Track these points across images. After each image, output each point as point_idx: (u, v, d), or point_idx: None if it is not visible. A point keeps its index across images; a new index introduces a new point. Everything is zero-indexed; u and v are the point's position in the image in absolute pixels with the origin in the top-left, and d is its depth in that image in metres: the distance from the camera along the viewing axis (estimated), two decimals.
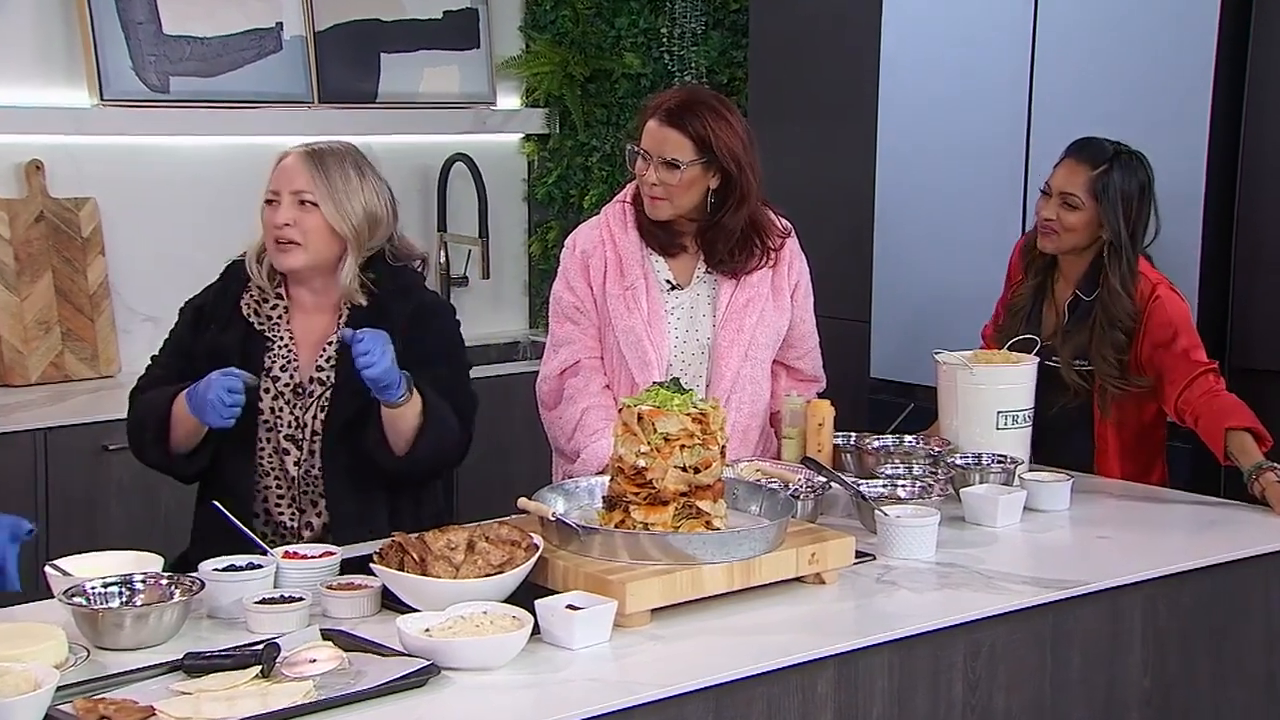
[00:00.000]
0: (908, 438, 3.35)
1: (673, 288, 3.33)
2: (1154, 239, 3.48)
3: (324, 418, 2.99)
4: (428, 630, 2.29)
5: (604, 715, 2.15)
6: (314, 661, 2.19)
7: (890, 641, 2.48)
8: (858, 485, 3.00)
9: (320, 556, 2.62)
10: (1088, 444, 3.49)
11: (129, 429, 3.06)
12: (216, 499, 2.80)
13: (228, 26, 4.80)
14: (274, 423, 3.01)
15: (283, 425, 3.01)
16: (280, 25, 4.91)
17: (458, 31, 5.32)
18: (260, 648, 2.22)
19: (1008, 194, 4.10)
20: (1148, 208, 3.46)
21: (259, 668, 2.19)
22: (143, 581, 2.45)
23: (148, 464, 3.06)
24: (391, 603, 2.46)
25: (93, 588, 2.41)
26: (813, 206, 4.22)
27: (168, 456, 3.00)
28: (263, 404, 3.01)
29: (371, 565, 2.46)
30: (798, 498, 2.87)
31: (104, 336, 4.58)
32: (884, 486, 3.04)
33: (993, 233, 4.04)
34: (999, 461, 3.20)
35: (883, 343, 4.42)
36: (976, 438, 3.28)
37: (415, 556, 2.43)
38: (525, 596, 2.39)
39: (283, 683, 2.15)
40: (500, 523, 2.59)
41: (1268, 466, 3.19)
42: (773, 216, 3.36)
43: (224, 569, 2.51)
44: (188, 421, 2.92)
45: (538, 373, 3.42)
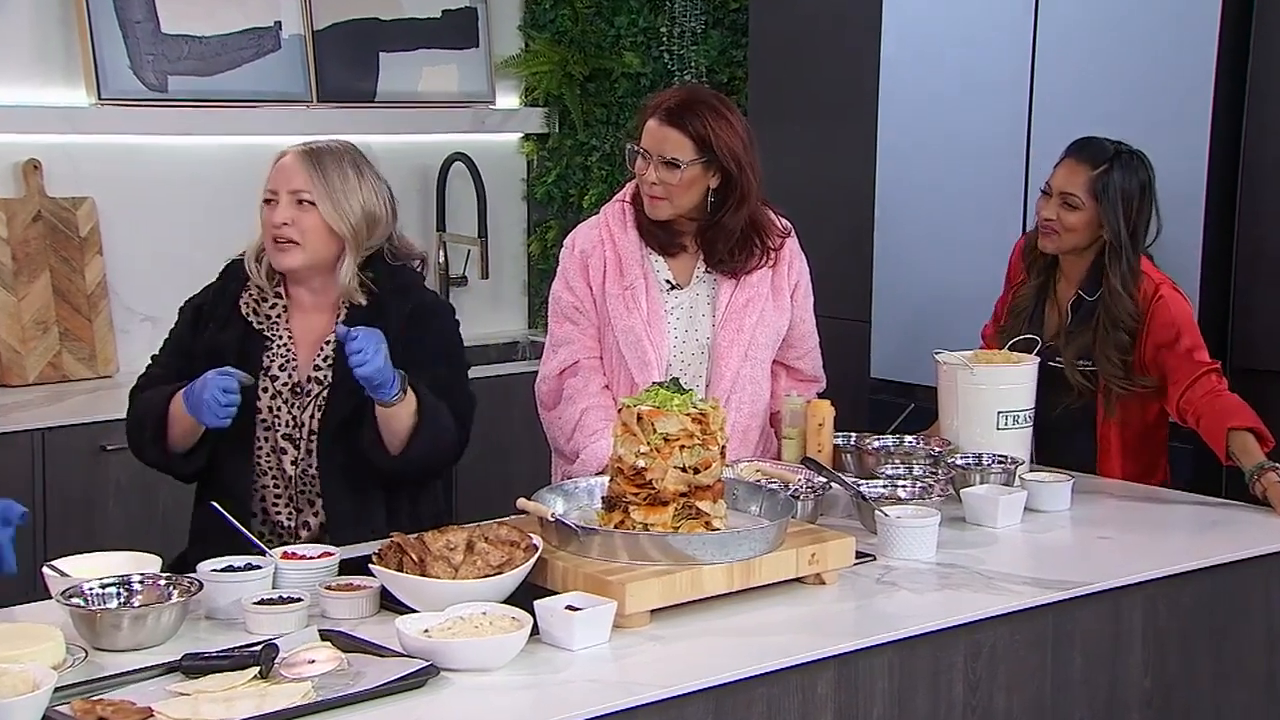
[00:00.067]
0: (908, 438, 3.35)
1: (672, 287, 3.32)
2: (1155, 239, 3.48)
3: (320, 417, 2.99)
4: (427, 631, 2.28)
5: (604, 716, 2.14)
6: (313, 662, 2.19)
7: (891, 642, 2.48)
8: (858, 486, 3.00)
9: (319, 557, 2.61)
10: (1090, 444, 3.48)
11: (128, 428, 3.06)
12: (215, 499, 2.80)
13: (226, 26, 4.79)
14: (271, 422, 3.00)
15: (280, 425, 3.00)
16: (279, 24, 4.90)
17: (457, 30, 5.32)
18: (258, 649, 2.22)
19: (1008, 194, 4.09)
20: (1149, 207, 3.45)
21: (257, 669, 2.18)
22: (140, 582, 2.44)
23: (147, 463, 3.06)
24: (390, 603, 2.46)
25: (90, 588, 2.41)
26: (813, 206, 4.21)
27: (166, 455, 3.01)
28: (260, 403, 3.00)
29: (370, 566, 2.46)
30: (798, 498, 2.86)
31: (102, 336, 4.57)
32: (884, 487, 3.03)
33: (993, 233, 4.03)
34: (999, 462, 3.19)
35: (883, 343, 4.41)
36: (977, 438, 3.27)
37: (414, 557, 2.43)
38: (524, 597, 2.39)
39: (281, 684, 2.15)
40: (499, 523, 2.58)
41: (1269, 467, 3.18)
42: (773, 216, 3.35)
43: (222, 570, 2.50)
44: (185, 421, 2.92)
45: (537, 373, 3.41)
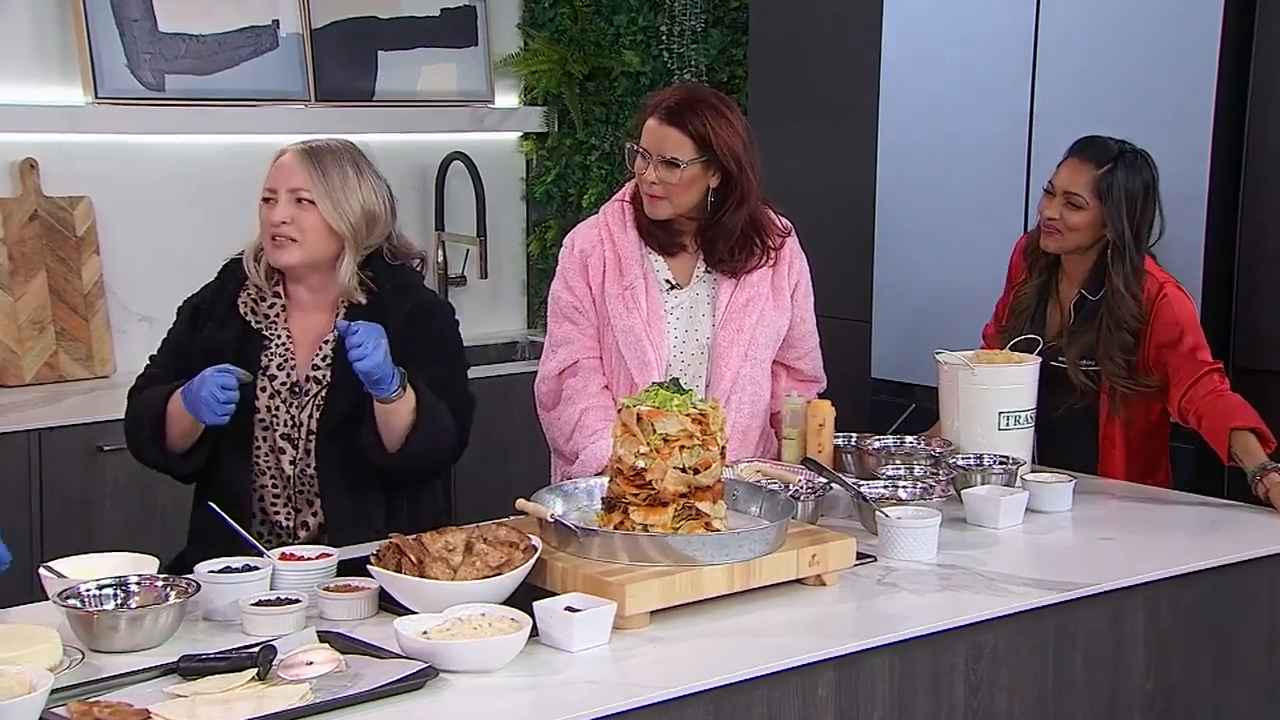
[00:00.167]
0: (909, 438, 3.34)
1: (672, 287, 3.31)
2: (1158, 239, 3.47)
3: (319, 416, 2.98)
4: (425, 632, 2.28)
5: (603, 718, 2.14)
6: (311, 664, 2.18)
7: (891, 644, 2.47)
8: (858, 486, 2.99)
9: (317, 558, 2.60)
10: (1092, 445, 3.47)
11: (126, 428, 3.05)
12: (213, 499, 2.79)
13: (223, 24, 4.78)
14: (270, 421, 2.99)
15: (279, 424, 2.99)
16: (276, 23, 4.89)
17: (455, 29, 5.31)
18: (256, 650, 2.21)
19: (1009, 193, 4.08)
20: (1152, 207, 3.44)
21: (255, 670, 2.18)
22: (138, 583, 2.44)
23: (145, 463, 3.05)
24: (389, 605, 2.45)
25: (87, 590, 2.40)
26: (813, 206, 4.20)
27: (165, 455, 3.00)
28: (259, 403, 2.99)
29: (369, 567, 2.45)
30: (798, 499, 2.85)
31: (98, 336, 4.56)
32: (885, 487, 3.02)
33: (994, 232, 4.02)
34: (1001, 462, 3.18)
35: (883, 343, 4.40)
36: (978, 438, 3.26)
37: (413, 558, 2.42)
38: (524, 598, 2.38)
39: (279, 685, 2.14)
40: (498, 524, 2.57)
41: (1272, 467, 3.17)
42: (773, 216, 3.34)
43: (220, 571, 2.49)
44: (183, 420, 2.91)
45: (536, 373, 3.40)
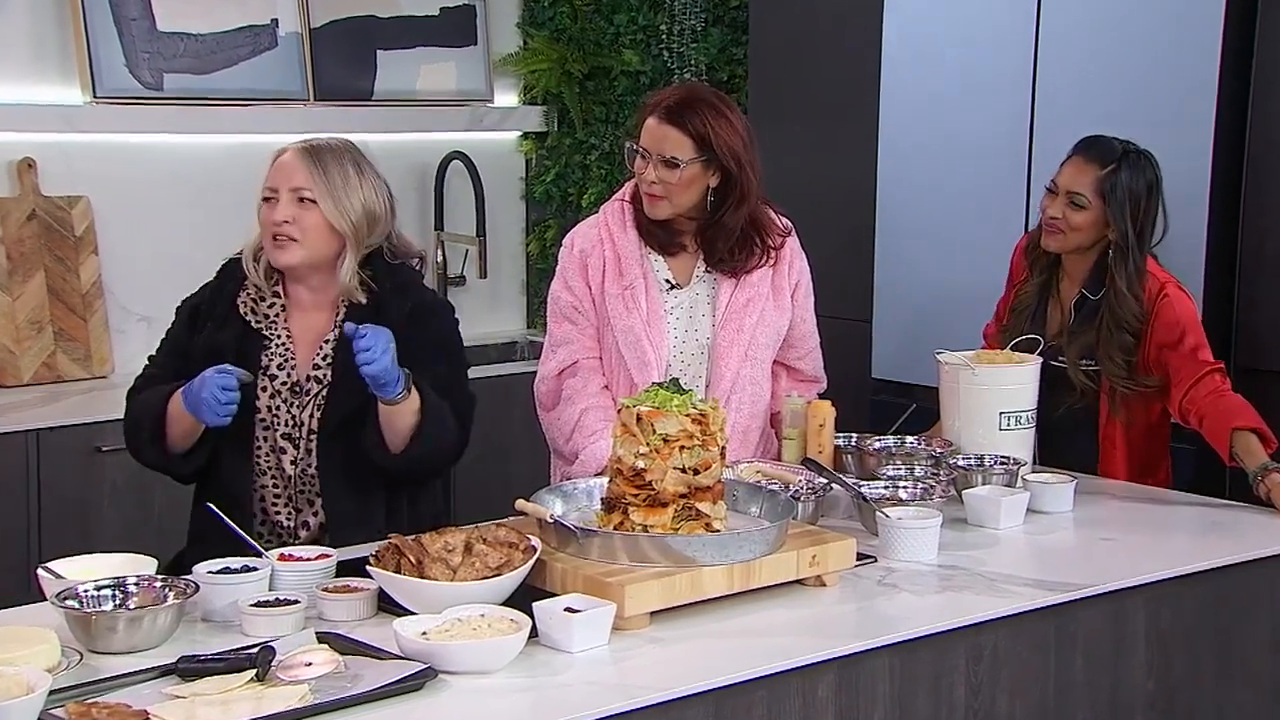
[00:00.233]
0: (909, 439, 3.34)
1: (672, 287, 3.31)
2: (1161, 239, 3.46)
3: (320, 416, 2.97)
4: (425, 633, 2.27)
5: (603, 719, 2.13)
6: (310, 665, 2.18)
7: (892, 644, 2.46)
8: (859, 487, 2.98)
9: (316, 559, 2.59)
10: (1093, 445, 3.47)
11: (125, 429, 3.04)
12: (214, 499, 2.79)
13: (222, 23, 4.78)
14: (270, 421, 2.99)
15: (279, 424, 2.99)
16: (275, 22, 4.89)
17: (455, 28, 5.30)
18: (255, 651, 2.21)
19: (1010, 193, 4.08)
20: (1155, 208, 3.43)
21: (254, 671, 2.17)
22: (136, 584, 2.43)
23: (145, 464, 3.04)
24: (388, 605, 2.44)
25: (85, 590, 2.40)
26: (813, 206, 4.19)
27: (165, 456, 2.99)
28: (260, 403, 2.98)
29: (368, 568, 2.44)
30: (798, 499, 2.85)
31: (97, 336, 4.55)
32: (885, 488, 3.02)
33: (995, 232, 4.02)
34: (1001, 463, 3.17)
35: (884, 343, 4.40)
36: (979, 438, 3.25)
37: (412, 559, 2.41)
38: (523, 599, 2.38)
39: (278, 686, 2.14)
40: (498, 524, 2.57)
41: (1273, 467, 3.17)
42: (773, 215, 3.33)
43: (218, 571, 2.49)
44: (184, 420, 2.90)
45: (536, 373, 3.39)
